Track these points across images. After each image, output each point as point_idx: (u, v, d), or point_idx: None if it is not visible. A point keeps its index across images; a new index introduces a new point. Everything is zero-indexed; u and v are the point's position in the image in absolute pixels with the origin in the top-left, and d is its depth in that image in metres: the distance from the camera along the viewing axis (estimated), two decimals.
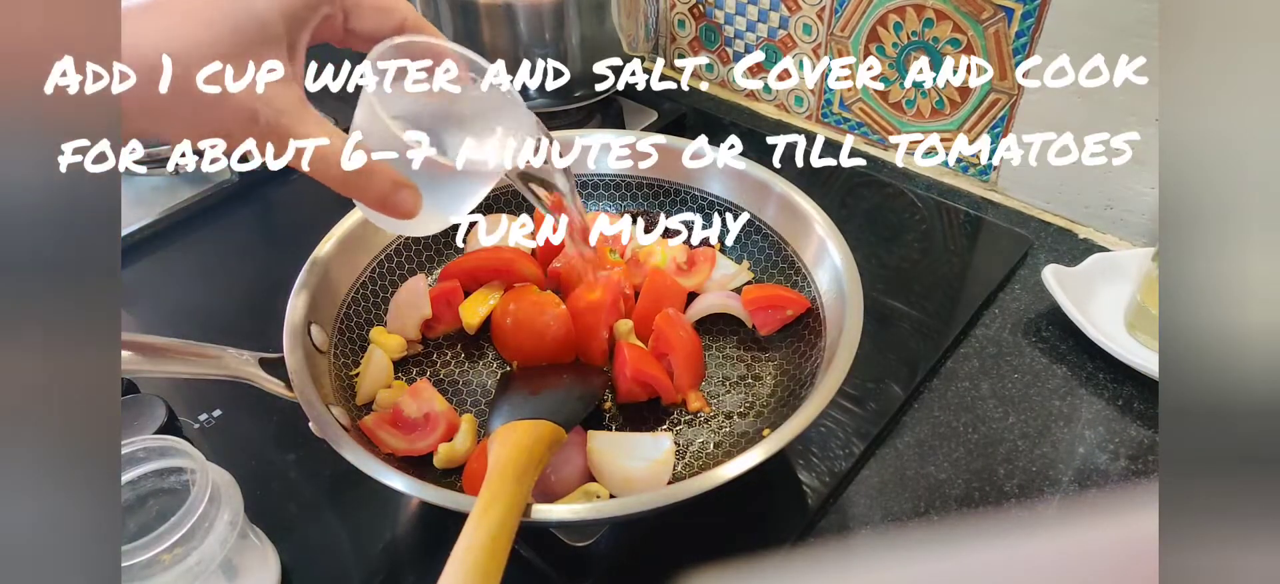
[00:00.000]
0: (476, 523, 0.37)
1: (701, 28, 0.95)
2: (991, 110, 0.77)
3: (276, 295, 0.51)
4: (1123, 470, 0.54)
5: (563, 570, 0.47)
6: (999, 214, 0.78)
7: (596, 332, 0.55)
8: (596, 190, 0.67)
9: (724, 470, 0.41)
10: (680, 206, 0.66)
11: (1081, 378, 0.60)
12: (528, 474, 0.41)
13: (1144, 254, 0.65)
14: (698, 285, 0.60)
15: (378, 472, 0.41)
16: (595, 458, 0.48)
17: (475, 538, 0.36)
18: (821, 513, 0.51)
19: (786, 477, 0.53)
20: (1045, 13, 0.70)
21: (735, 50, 0.93)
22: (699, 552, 0.48)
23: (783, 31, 0.88)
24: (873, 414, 0.56)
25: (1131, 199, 0.72)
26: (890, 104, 0.84)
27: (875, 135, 0.87)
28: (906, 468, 0.53)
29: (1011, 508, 0.51)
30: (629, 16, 0.80)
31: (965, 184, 0.82)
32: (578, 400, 0.50)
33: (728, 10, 0.91)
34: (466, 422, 0.51)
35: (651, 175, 0.66)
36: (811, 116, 0.91)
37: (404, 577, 0.49)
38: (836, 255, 0.55)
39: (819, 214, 0.58)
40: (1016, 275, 0.70)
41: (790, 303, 0.57)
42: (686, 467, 0.50)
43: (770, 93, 0.93)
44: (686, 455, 0.51)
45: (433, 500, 0.40)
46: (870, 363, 0.59)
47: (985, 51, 0.75)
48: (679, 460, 0.50)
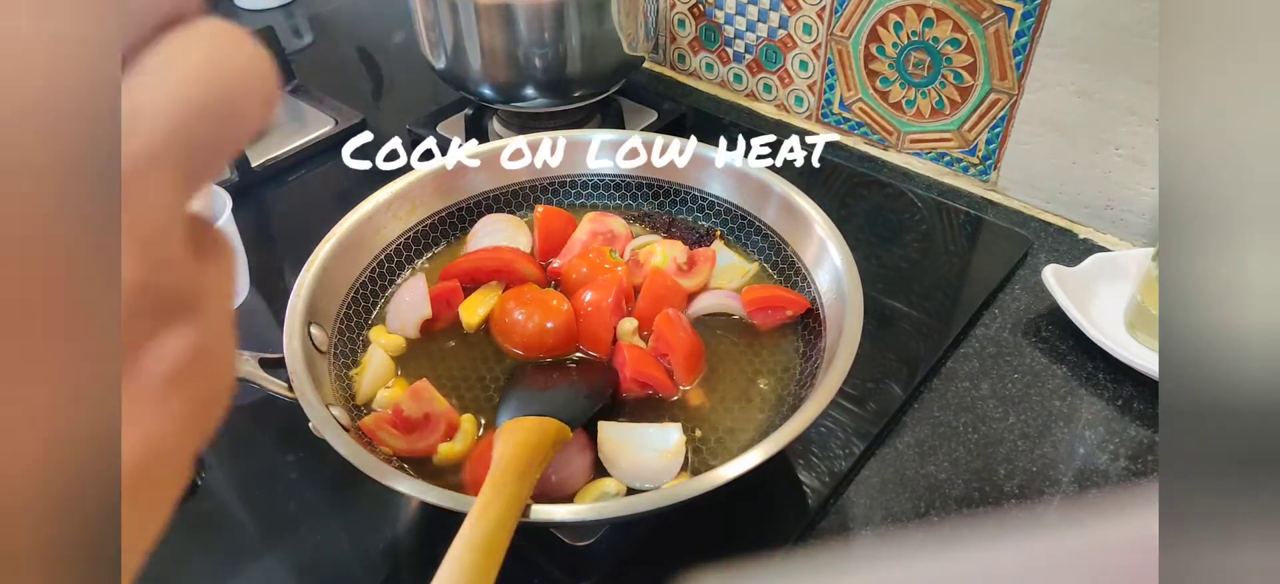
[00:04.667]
0: (476, 520, 0.37)
1: (701, 28, 0.95)
2: (991, 110, 0.77)
3: (276, 296, 0.51)
4: (1123, 470, 0.54)
5: (563, 570, 0.47)
6: (999, 214, 0.78)
7: (600, 329, 0.55)
8: (596, 190, 0.67)
9: (724, 470, 0.41)
10: (680, 206, 0.66)
11: (1081, 378, 0.60)
12: (530, 472, 0.41)
13: (1144, 254, 0.65)
14: (698, 285, 0.60)
15: (378, 472, 0.41)
16: (607, 448, 0.48)
17: (474, 535, 0.36)
18: (821, 513, 0.51)
19: (786, 477, 0.53)
20: (1045, 13, 0.70)
21: (735, 50, 0.93)
22: (699, 552, 0.48)
23: (783, 31, 0.88)
24: (873, 414, 0.56)
25: (1131, 199, 0.72)
26: (890, 104, 0.84)
27: (875, 135, 0.87)
28: (906, 468, 0.53)
29: (1011, 508, 0.51)
30: (629, 16, 0.80)
31: (965, 184, 0.82)
32: (585, 398, 0.50)
33: (728, 10, 0.91)
34: (466, 421, 0.51)
35: (651, 175, 0.66)
36: (811, 116, 0.91)
37: (404, 577, 0.49)
38: (836, 255, 0.55)
39: (819, 214, 0.58)
40: (1016, 275, 0.70)
41: (790, 303, 0.57)
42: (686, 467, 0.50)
43: (770, 93, 0.93)
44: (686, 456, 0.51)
45: (433, 500, 0.40)
46: (870, 363, 0.59)
47: (985, 51, 0.75)
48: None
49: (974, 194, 0.80)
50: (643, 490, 0.47)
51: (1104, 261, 0.66)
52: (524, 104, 0.82)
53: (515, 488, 0.39)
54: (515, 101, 0.82)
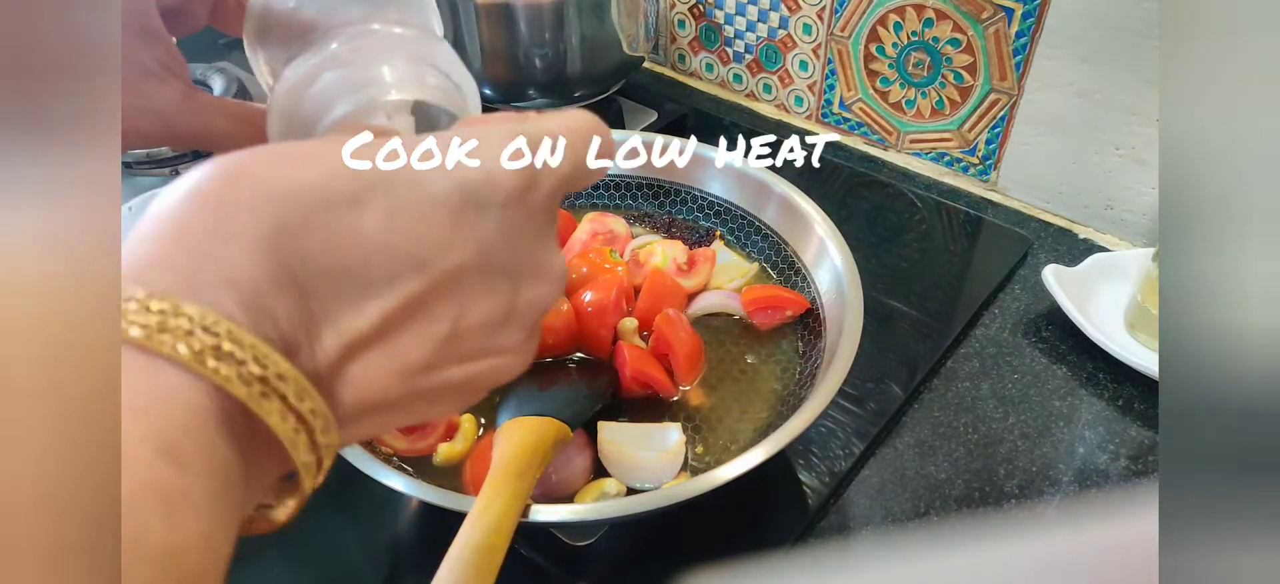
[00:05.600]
0: (476, 520, 0.37)
1: (701, 28, 0.95)
2: (991, 110, 0.77)
3: None
4: (1123, 470, 0.54)
5: (563, 570, 0.47)
6: (999, 214, 0.78)
7: (600, 329, 0.55)
8: (596, 190, 0.67)
9: (724, 470, 0.41)
10: (680, 206, 0.66)
11: (1081, 378, 0.60)
12: (530, 472, 0.41)
13: (1144, 254, 0.65)
14: (698, 285, 0.60)
15: (378, 472, 0.41)
16: (607, 448, 0.48)
17: (474, 535, 0.36)
18: (821, 513, 0.51)
19: (786, 477, 0.53)
20: (1045, 13, 0.70)
21: (735, 50, 0.93)
22: (699, 552, 0.48)
23: (783, 31, 0.88)
24: (873, 414, 0.56)
25: (1131, 199, 0.72)
26: (890, 104, 0.84)
27: (875, 135, 0.87)
28: (906, 468, 0.53)
29: (1011, 508, 0.51)
30: (629, 16, 0.80)
31: (965, 184, 0.82)
32: (585, 399, 0.50)
33: (728, 10, 0.91)
34: (466, 421, 0.51)
35: (651, 175, 0.66)
36: (811, 116, 0.91)
37: (404, 577, 0.49)
38: (836, 255, 0.55)
39: (819, 214, 0.58)
40: (1016, 275, 0.70)
41: (790, 303, 0.57)
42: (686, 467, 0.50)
43: (770, 93, 0.93)
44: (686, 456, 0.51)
45: (433, 500, 0.40)
46: (870, 363, 0.59)
47: (985, 51, 0.75)
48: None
49: (974, 194, 0.80)
50: (643, 490, 0.47)
51: (1104, 261, 0.66)
52: (524, 104, 0.82)
53: (515, 488, 0.39)
54: (515, 101, 0.82)
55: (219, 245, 0.20)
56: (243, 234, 0.20)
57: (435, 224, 0.23)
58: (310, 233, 0.21)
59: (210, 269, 0.20)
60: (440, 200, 0.23)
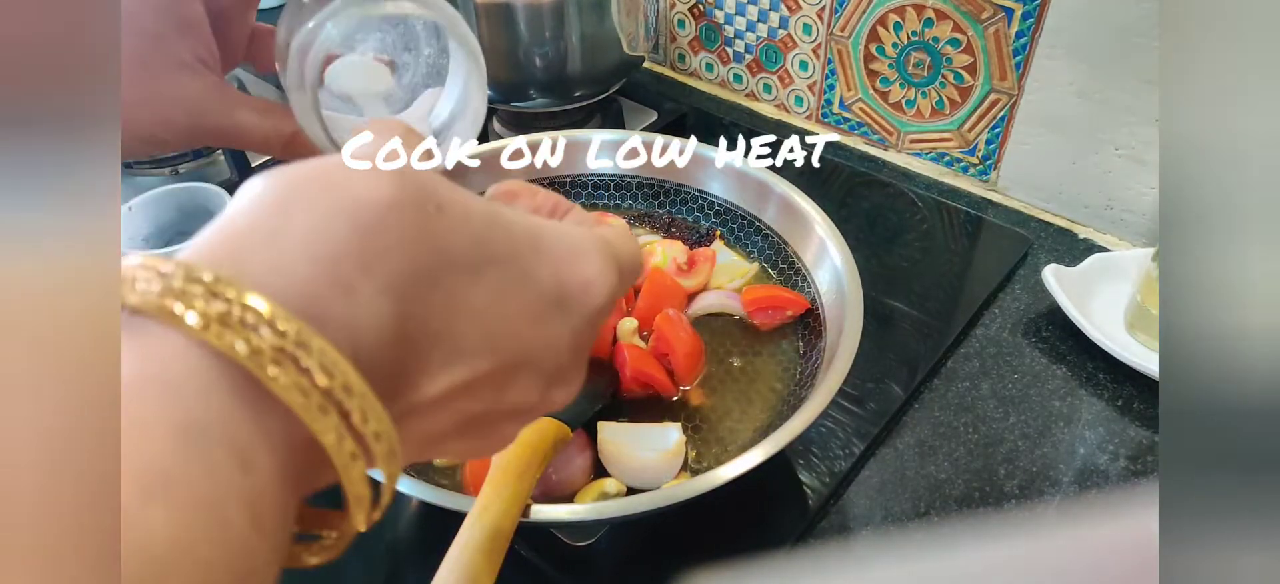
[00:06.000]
0: (476, 520, 0.37)
1: (701, 27, 0.95)
2: (991, 110, 0.77)
3: None
4: (1123, 470, 0.54)
5: (563, 570, 0.47)
6: (999, 214, 0.78)
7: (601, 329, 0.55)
8: (596, 190, 0.67)
9: (724, 470, 0.41)
10: (680, 206, 0.66)
11: (1081, 378, 0.60)
12: (530, 472, 0.41)
13: (1144, 254, 0.65)
14: (698, 285, 0.60)
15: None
16: (607, 449, 0.48)
17: (474, 535, 0.36)
18: (821, 513, 0.51)
19: (786, 477, 0.53)
20: (1045, 13, 0.70)
21: (735, 50, 0.93)
22: (699, 552, 0.48)
23: (783, 31, 0.88)
24: (873, 414, 0.56)
25: (1131, 199, 0.72)
26: (890, 104, 0.84)
27: (875, 135, 0.87)
28: (906, 468, 0.53)
29: (1011, 508, 0.51)
30: (629, 16, 0.80)
31: (965, 184, 0.82)
32: (585, 399, 0.50)
33: (728, 10, 0.91)
34: None
35: (651, 175, 0.66)
36: (811, 116, 0.91)
37: (404, 577, 0.49)
38: (836, 255, 0.55)
39: (819, 214, 0.58)
40: (1016, 275, 0.70)
41: (790, 303, 0.57)
42: (686, 467, 0.50)
43: (770, 93, 0.93)
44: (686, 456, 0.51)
45: (433, 500, 0.40)
46: (870, 363, 0.59)
47: (985, 51, 0.75)
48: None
49: (974, 194, 0.80)
50: (643, 490, 0.47)
51: (1104, 261, 0.66)
52: (524, 104, 0.82)
53: (515, 488, 0.39)
54: (515, 101, 0.82)
55: (357, 275, 0.19)
56: (384, 268, 0.20)
57: (527, 316, 0.23)
58: (437, 291, 0.21)
59: (337, 300, 0.19)
60: (540, 293, 0.23)
